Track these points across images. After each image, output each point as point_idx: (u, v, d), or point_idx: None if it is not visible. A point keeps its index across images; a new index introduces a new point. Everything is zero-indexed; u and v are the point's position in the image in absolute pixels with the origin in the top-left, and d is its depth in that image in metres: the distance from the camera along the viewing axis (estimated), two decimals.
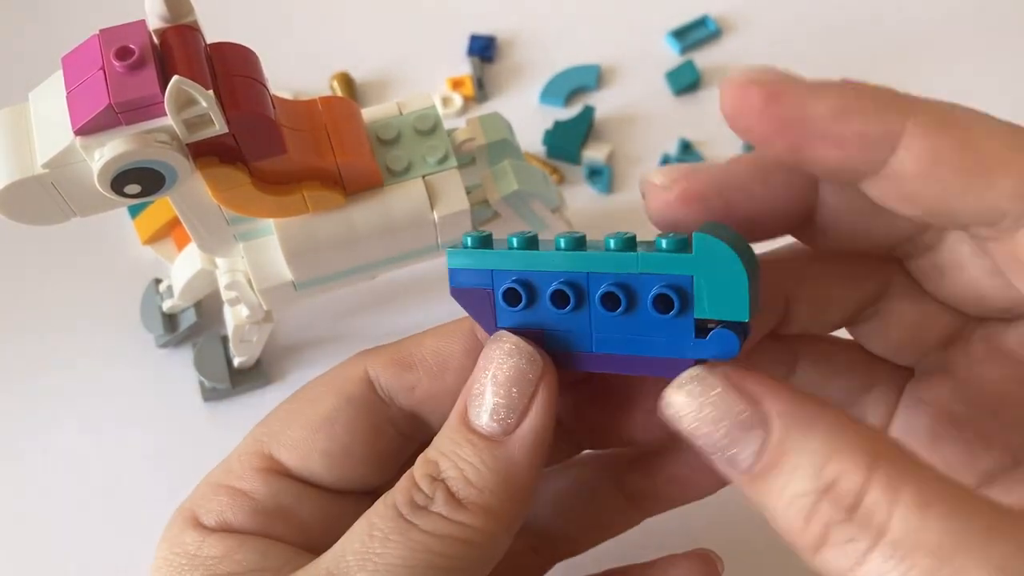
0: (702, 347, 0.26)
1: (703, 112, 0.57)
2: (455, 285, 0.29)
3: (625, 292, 0.27)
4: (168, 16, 0.33)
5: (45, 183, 0.33)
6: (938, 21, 0.60)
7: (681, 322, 0.26)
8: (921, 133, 0.22)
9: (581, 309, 0.28)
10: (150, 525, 0.45)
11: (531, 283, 0.28)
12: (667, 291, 0.26)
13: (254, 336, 0.45)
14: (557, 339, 0.28)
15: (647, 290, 0.26)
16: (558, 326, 0.28)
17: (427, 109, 0.41)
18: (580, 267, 0.27)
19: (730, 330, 0.26)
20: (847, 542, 0.21)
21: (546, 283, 0.28)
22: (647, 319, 0.27)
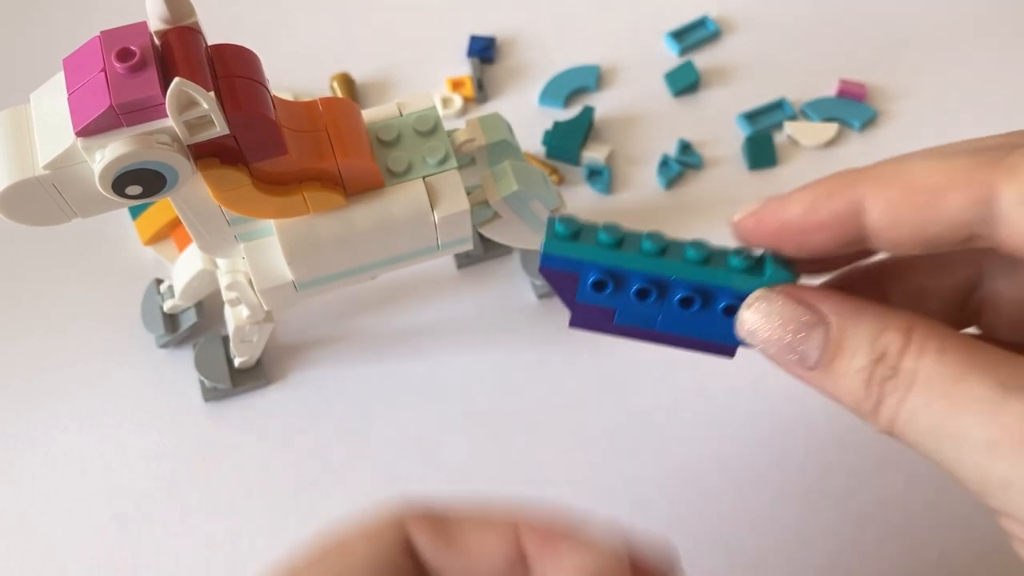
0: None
1: (702, 113, 0.57)
2: (545, 265, 0.33)
3: (701, 296, 0.32)
4: (169, 17, 0.33)
5: (46, 184, 0.34)
6: (938, 21, 0.60)
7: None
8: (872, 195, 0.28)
9: (658, 302, 0.32)
10: (151, 525, 0.46)
11: (617, 275, 0.32)
12: (737, 303, 0.32)
13: (255, 336, 0.46)
14: (626, 316, 0.33)
15: (719, 299, 0.32)
16: (629, 308, 0.33)
17: (427, 110, 0.41)
18: (665, 272, 0.32)
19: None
20: (894, 392, 0.27)
21: (631, 278, 0.32)
22: (712, 318, 0.32)
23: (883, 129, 0.56)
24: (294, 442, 0.47)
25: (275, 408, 0.48)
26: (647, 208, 0.54)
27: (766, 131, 0.56)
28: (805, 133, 0.56)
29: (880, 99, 0.57)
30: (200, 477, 0.47)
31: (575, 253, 0.33)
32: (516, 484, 0.46)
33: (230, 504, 0.46)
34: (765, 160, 0.55)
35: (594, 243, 0.33)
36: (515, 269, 0.52)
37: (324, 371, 0.49)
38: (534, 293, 0.51)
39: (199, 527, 0.45)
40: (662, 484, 0.46)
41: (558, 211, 0.46)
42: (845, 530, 0.44)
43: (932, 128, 0.56)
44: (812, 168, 0.55)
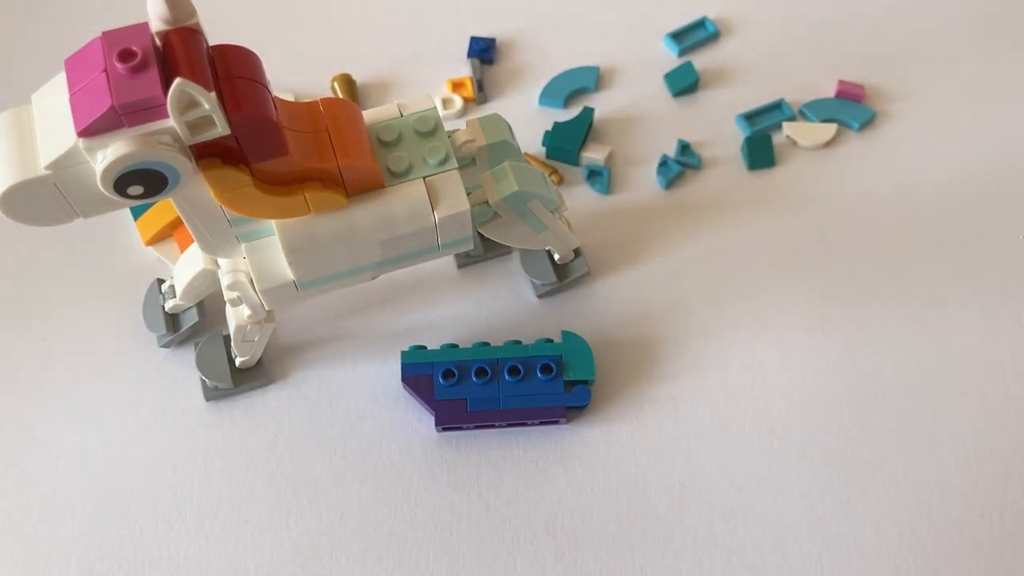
0: (569, 398, 0.46)
1: (702, 113, 0.57)
2: (405, 375, 0.46)
3: (523, 365, 0.46)
4: (170, 18, 0.33)
5: (48, 184, 0.34)
6: (936, 22, 0.61)
7: (557, 381, 0.46)
8: None
9: (494, 380, 0.46)
10: (152, 524, 0.46)
11: (460, 367, 0.46)
12: (550, 362, 0.46)
13: (256, 336, 0.46)
14: (476, 402, 0.46)
15: (536, 362, 0.46)
16: (476, 394, 0.46)
17: (428, 111, 0.41)
18: (492, 355, 0.47)
19: (585, 385, 0.46)
20: None
21: (470, 366, 0.46)
22: (536, 382, 0.46)
23: (882, 129, 0.56)
24: (295, 441, 0.48)
25: (276, 407, 0.48)
26: (647, 208, 0.54)
27: (765, 132, 0.56)
28: (804, 134, 0.56)
29: (879, 100, 0.57)
30: (201, 476, 0.47)
31: (424, 358, 0.47)
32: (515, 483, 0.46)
33: (230, 503, 0.46)
34: (764, 161, 0.55)
35: (438, 349, 0.47)
36: (515, 269, 0.52)
37: (324, 371, 0.49)
38: (534, 293, 0.51)
39: (200, 526, 0.45)
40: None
41: (559, 211, 0.46)
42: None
43: (931, 129, 0.56)
44: (811, 169, 0.55)
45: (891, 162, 0.55)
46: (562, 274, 0.51)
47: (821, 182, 0.55)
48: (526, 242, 0.47)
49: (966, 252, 0.52)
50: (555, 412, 0.46)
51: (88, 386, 0.49)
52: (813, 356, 0.49)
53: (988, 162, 0.55)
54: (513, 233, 0.46)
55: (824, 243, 0.53)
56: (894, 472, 0.46)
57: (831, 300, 0.51)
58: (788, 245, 0.53)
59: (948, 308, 0.50)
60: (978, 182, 0.54)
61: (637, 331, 0.50)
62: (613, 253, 0.52)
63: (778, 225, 0.53)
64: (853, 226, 0.53)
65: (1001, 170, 0.55)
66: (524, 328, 0.50)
